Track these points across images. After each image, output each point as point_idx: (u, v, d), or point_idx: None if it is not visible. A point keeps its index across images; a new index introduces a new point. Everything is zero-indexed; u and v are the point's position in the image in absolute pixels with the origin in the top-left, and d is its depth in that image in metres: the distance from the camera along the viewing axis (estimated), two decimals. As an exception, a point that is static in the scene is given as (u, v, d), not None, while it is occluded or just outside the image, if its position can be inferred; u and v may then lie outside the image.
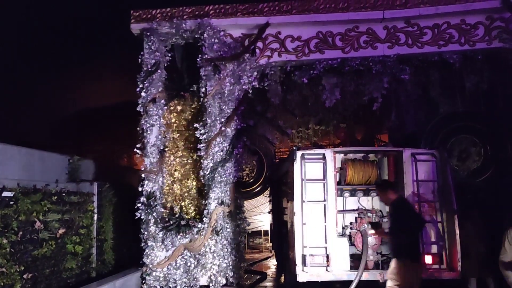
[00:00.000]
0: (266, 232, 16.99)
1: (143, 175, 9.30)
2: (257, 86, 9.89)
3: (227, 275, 9.10)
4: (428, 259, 7.04)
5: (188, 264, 9.06)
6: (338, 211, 7.27)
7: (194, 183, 9.64)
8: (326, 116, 13.25)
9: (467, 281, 7.51)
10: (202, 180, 9.30)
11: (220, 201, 9.16)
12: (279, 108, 12.49)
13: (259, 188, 14.14)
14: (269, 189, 12.87)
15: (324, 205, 7.11)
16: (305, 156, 7.26)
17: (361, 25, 9.65)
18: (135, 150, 9.47)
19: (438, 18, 9.46)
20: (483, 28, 9.39)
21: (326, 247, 7.01)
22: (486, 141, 11.19)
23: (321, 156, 7.25)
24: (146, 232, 9.05)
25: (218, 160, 9.24)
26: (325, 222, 7.07)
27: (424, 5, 9.32)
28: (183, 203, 9.53)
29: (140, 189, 9.26)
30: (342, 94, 10.53)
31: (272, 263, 12.84)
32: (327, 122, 13.71)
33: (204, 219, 9.08)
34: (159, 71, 9.51)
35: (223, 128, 9.27)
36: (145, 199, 9.10)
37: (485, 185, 10.98)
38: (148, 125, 9.35)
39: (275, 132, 14.13)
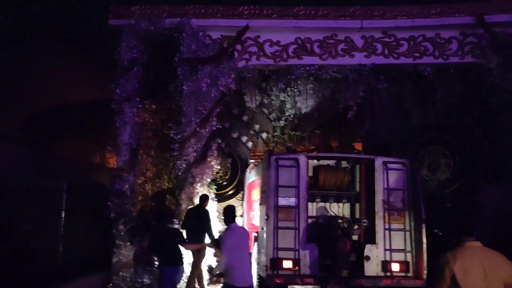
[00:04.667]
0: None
1: (114, 173, 9.17)
2: (234, 88, 9.88)
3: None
4: (395, 267, 7.13)
5: (157, 264, 8.93)
6: (309, 216, 7.30)
7: (166, 183, 9.54)
8: (302, 122, 13.38)
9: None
10: (175, 181, 9.24)
11: (191, 202, 9.10)
12: (255, 111, 12.53)
13: (232, 191, 14.05)
14: (242, 192, 12.81)
15: (296, 210, 7.13)
16: (279, 161, 7.26)
17: (340, 33, 9.76)
18: (107, 148, 9.34)
19: (414, 31, 9.65)
20: (457, 42, 9.63)
21: (296, 252, 7.01)
22: (455, 153, 11.48)
23: (294, 162, 7.27)
24: (114, 231, 8.91)
25: (192, 161, 9.19)
26: (296, 227, 7.08)
27: (401, 17, 9.50)
28: (154, 203, 9.40)
29: (110, 187, 9.12)
30: (318, 100, 10.67)
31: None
32: (302, 128, 13.82)
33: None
34: (135, 68, 9.39)
35: (197, 129, 9.21)
36: (115, 197, 8.96)
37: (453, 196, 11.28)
38: (121, 123, 9.22)
39: (251, 136, 14.15)
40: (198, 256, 8.52)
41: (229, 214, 5.69)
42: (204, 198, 8.95)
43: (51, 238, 8.60)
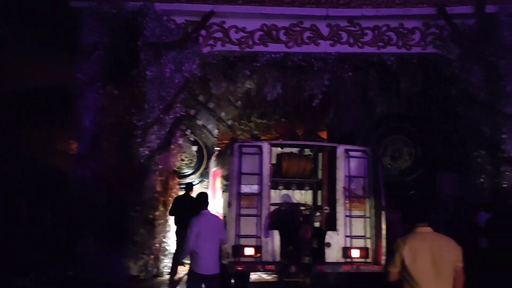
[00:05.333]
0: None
1: (75, 160, 8.95)
2: (199, 74, 9.75)
3: (158, 264, 8.96)
4: (355, 253, 7.25)
5: (120, 253, 8.80)
6: (272, 203, 7.31)
7: (129, 170, 9.35)
8: (268, 110, 13.37)
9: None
10: (138, 168, 9.08)
11: (155, 190, 8.99)
12: (221, 99, 12.42)
13: (198, 180, 13.94)
14: (207, 180, 12.72)
15: (258, 197, 7.13)
16: (242, 148, 7.23)
17: (306, 21, 9.75)
18: (68, 133, 9.08)
19: (379, 20, 9.75)
20: (420, 33, 9.79)
21: (258, 239, 7.03)
22: (417, 142, 11.76)
23: (257, 149, 7.24)
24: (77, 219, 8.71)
25: (155, 148, 9.05)
26: (258, 214, 7.09)
27: (366, 6, 9.57)
28: (117, 191, 9.21)
29: (72, 174, 8.90)
30: (283, 88, 10.67)
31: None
32: (269, 116, 13.82)
33: (137, 207, 8.87)
34: (97, 52, 9.13)
35: (161, 116, 9.06)
36: (76, 184, 8.75)
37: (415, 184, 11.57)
38: (82, 108, 8.97)
39: (217, 123, 14.04)
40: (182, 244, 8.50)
41: (201, 201, 5.64)
42: (190, 186, 9.26)
43: (10, 228, 8.34)
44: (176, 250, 8.59)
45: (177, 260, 8.40)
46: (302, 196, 7.99)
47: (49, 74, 10.11)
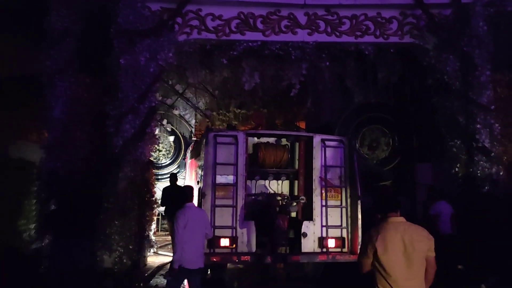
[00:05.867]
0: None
1: (45, 151, 8.67)
2: (175, 63, 9.53)
3: (133, 257, 8.78)
4: (331, 243, 7.25)
5: (92, 245, 8.60)
6: (247, 194, 7.23)
7: (103, 161, 9.12)
8: (246, 100, 13.27)
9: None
10: (112, 159, 8.86)
11: (129, 181, 8.78)
12: (199, 88, 12.25)
13: (175, 170, 13.80)
14: (184, 171, 12.61)
15: (234, 188, 7.03)
16: (217, 138, 7.11)
17: (283, 9, 9.60)
18: (35, 123, 8.79)
19: (357, 9, 9.66)
20: (397, 22, 9.74)
21: (233, 230, 6.95)
22: (394, 132, 11.83)
23: (233, 139, 7.14)
24: (45, 212, 8.46)
25: (129, 138, 8.83)
26: (234, 204, 7.00)
27: (344, -5, 9.48)
28: (89, 182, 8.98)
29: (41, 165, 8.63)
30: (261, 78, 10.53)
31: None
32: (247, 106, 13.73)
33: (110, 199, 8.66)
34: (67, 39, 8.81)
35: (135, 105, 8.83)
36: (46, 176, 8.49)
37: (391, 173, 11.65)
38: (52, 97, 8.68)
39: (195, 113, 13.89)
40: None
41: (185, 193, 5.54)
42: (175, 177, 10.14)
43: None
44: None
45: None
46: (279, 186, 7.95)
47: (17, 62, 9.73)
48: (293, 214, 7.50)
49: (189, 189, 5.83)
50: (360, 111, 11.94)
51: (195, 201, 7.97)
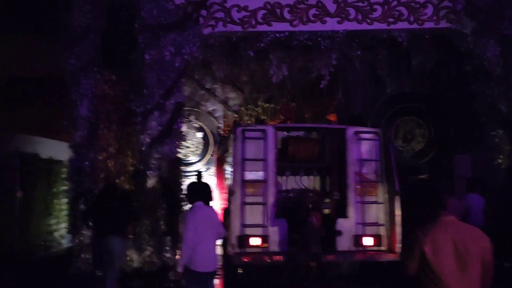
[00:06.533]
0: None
1: (72, 150, 8.61)
2: (200, 57, 9.31)
3: (163, 257, 8.63)
4: (367, 241, 6.87)
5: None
6: (278, 190, 6.93)
7: (130, 159, 9.00)
8: (274, 94, 12.96)
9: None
10: (139, 157, 8.74)
11: (157, 179, 8.63)
12: (226, 83, 12.02)
13: (204, 167, 13.64)
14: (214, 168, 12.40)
15: (264, 184, 6.74)
16: (245, 133, 6.82)
17: (311, -2, 9.23)
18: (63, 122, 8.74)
19: (389, -5, 9.20)
20: (432, 7, 9.22)
21: (264, 228, 6.66)
22: (430, 122, 11.28)
23: (262, 133, 6.83)
24: (74, 211, 8.41)
25: (156, 136, 8.68)
26: (264, 202, 6.71)
27: (375, -21, 9.02)
28: (117, 181, 8.87)
29: (69, 164, 8.59)
30: (289, 70, 10.23)
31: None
32: (276, 100, 13.41)
33: (140, 197, 8.54)
34: (91, 36, 8.71)
35: (161, 101, 8.67)
36: (74, 175, 8.44)
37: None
38: (77, 95, 8.60)
39: (223, 109, 13.65)
40: None
41: (192, 192, 5.21)
42: (200, 174, 10.52)
43: (4, 221, 8.05)
44: None
45: None
46: (310, 182, 7.59)
47: (43, 61, 9.71)
48: (326, 211, 7.13)
49: (195, 186, 5.54)
50: (393, 102, 11.45)
51: (222, 198, 7.75)
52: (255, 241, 6.62)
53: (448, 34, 9.46)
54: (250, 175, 6.75)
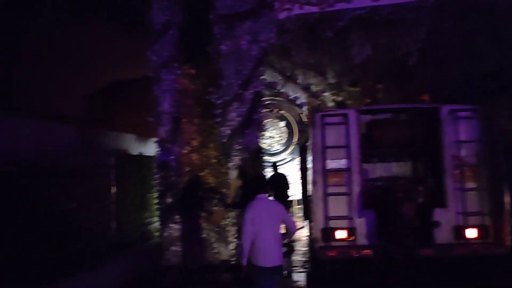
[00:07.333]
0: (299, 202, 16.26)
1: (158, 145, 8.83)
2: (278, 43, 9.01)
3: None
4: (470, 233, 6.10)
5: (208, 238, 8.56)
6: (364, 179, 6.40)
7: (213, 151, 9.02)
8: (359, 76, 12.27)
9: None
10: (221, 148, 8.73)
11: (239, 170, 8.55)
12: (307, 68, 11.61)
13: (288, 157, 13.39)
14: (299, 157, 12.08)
15: (348, 173, 6.27)
16: (325, 118, 6.38)
17: (393, -33, 8.47)
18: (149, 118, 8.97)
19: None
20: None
21: (350, 220, 6.20)
22: (542, 96, 9.89)
23: (343, 118, 6.35)
24: (162, 205, 8.63)
25: (236, 126, 8.58)
26: (349, 192, 6.24)
27: None
28: (202, 173, 8.94)
29: (155, 159, 8.82)
30: (373, 49, 9.55)
31: (305, 234, 12.17)
32: (361, 83, 12.71)
33: (223, 189, 8.53)
34: (170, 31, 8.82)
35: (240, 92, 8.53)
36: (160, 170, 8.65)
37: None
38: (160, 91, 8.77)
39: (305, 96, 13.26)
40: None
41: (257, 184, 5.01)
42: (275, 165, 10.60)
43: (102, 215, 8.43)
44: None
45: None
46: (401, 169, 6.94)
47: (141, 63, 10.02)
48: (420, 200, 6.45)
49: (259, 178, 5.32)
50: (494, 77, 10.18)
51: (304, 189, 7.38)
52: (340, 234, 6.20)
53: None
54: (332, 164, 6.32)
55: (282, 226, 4.91)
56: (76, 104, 12.25)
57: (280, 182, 9.99)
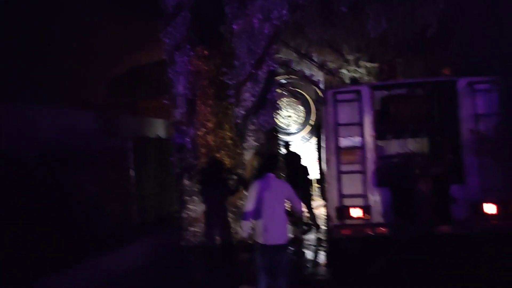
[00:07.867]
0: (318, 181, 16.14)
1: (174, 127, 8.87)
2: (290, 20, 8.83)
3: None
4: (490, 209, 5.93)
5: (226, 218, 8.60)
6: (379, 156, 6.28)
7: (228, 132, 9.01)
8: (377, 51, 11.94)
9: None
10: (235, 129, 8.71)
11: (255, 150, 8.53)
12: (321, 45, 11.36)
13: (308, 136, 13.26)
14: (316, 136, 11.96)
15: (361, 150, 6.15)
16: (337, 95, 6.26)
17: None
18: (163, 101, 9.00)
19: None
20: None
21: (365, 198, 6.12)
22: None
23: (356, 94, 6.21)
24: (180, 187, 8.71)
25: (250, 107, 8.53)
26: (363, 170, 6.14)
27: None
28: (218, 155, 8.95)
29: (172, 141, 8.88)
30: (390, 22, 9.24)
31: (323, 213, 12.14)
32: (380, 58, 12.37)
33: (240, 170, 8.52)
34: (182, 13, 8.74)
35: (253, 71, 8.44)
36: (176, 152, 8.70)
37: None
38: (174, 73, 8.76)
39: (322, 73, 13.01)
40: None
41: (267, 163, 5.04)
42: (287, 144, 10.44)
43: (122, 198, 8.59)
44: None
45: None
46: (417, 145, 6.77)
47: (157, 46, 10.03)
48: (437, 177, 6.29)
49: (270, 157, 5.38)
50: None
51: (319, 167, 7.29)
52: (355, 213, 6.12)
53: None
54: (345, 142, 6.22)
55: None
56: (99, 90, 12.42)
57: (293, 161, 9.84)
